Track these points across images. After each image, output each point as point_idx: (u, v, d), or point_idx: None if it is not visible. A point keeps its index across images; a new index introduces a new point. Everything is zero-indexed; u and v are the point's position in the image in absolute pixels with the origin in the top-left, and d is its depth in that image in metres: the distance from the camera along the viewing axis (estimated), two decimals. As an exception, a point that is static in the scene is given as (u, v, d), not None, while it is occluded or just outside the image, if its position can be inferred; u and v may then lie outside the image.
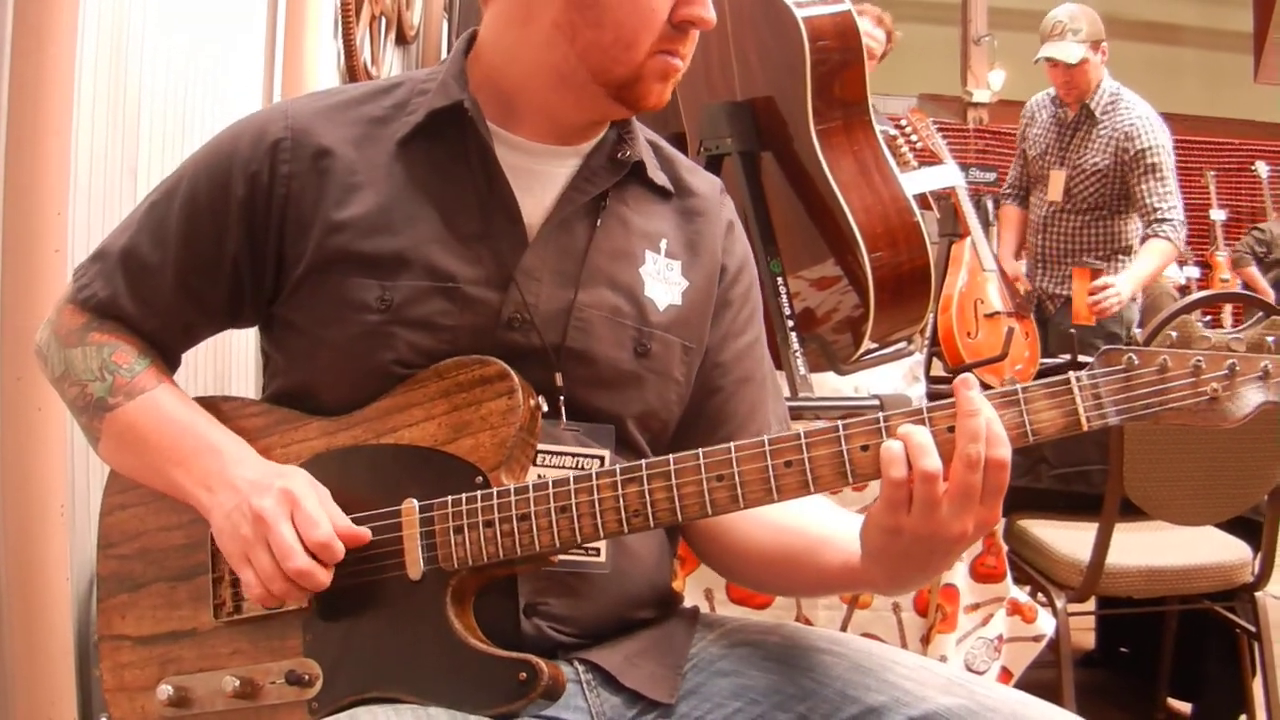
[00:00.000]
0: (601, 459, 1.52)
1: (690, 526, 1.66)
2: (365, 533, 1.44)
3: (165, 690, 1.54)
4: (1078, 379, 1.32)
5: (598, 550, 1.52)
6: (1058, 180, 5.24)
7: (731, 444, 1.37)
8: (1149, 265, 4.93)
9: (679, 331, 1.62)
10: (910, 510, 1.30)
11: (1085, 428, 1.32)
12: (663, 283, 1.61)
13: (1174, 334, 1.34)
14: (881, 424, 1.34)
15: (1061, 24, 5.12)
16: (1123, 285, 4.64)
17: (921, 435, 1.30)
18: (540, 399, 1.49)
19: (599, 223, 1.59)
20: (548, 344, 1.52)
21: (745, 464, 1.36)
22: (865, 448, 1.33)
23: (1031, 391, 1.32)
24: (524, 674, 1.38)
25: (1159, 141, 5.01)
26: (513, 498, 1.41)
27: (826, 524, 1.53)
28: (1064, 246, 5.25)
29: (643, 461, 1.40)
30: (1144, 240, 5.02)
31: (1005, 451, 1.29)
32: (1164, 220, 4.92)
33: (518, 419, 1.44)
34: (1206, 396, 1.30)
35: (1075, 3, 5.20)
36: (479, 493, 1.43)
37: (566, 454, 1.51)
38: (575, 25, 1.49)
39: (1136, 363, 1.32)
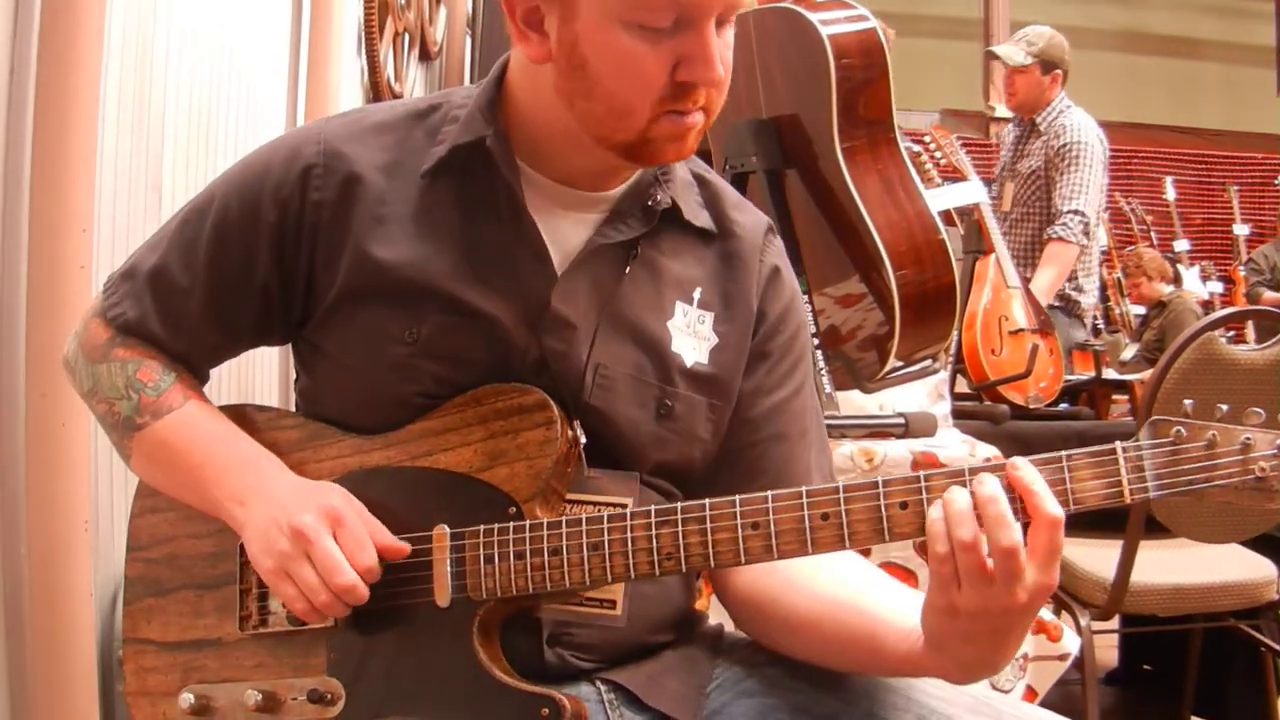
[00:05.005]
0: (625, 506, 1.47)
1: (731, 596, 1.59)
2: (405, 545, 1.43)
3: (187, 698, 1.53)
4: (1124, 449, 1.28)
5: (614, 603, 1.48)
6: (1008, 192, 5.40)
7: (769, 493, 1.35)
8: (1045, 277, 5.07)
9: (706, 390, 1.57)
10: (960, 586, 1.25)
11: (1128, 500, 1.27)
12: (692, 337, 1.56)
13: (1189, 402, 1.29)
14: (922, 483, 1.30)
15: (1022, 35, 5.40)
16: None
17: (959, 503, 1.25)
18: (579, 429, 1.48)
19: (628, 271, 1.54)
20: (568, 397, 1.49)
21: (781, 514, 1.34)
22: (904, 505, 1.30)
23: (1076, 459, 1.28)
24: (546, 710, 1.37)
25: (1082, 139, 5.16)
26: (545, 531, 1.40)
27: (884, 602, 1.43)
28: (1017, 258, 5.29)
29: (678, 505, 1.38)
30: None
31: (1052, 508, 1.24)
32: (1060, 214, 5.07)
33: (555, 451, 1.43)
34: (1253, 476, 1.25)
35: (1052, 30, 5.42)
36: (511, 524, 1.42)
37: (588, 502, 1.48)
38: (570, 94, 1.43)
39: (1185, 435, 1.27)
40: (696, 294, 1.58)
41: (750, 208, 1.70)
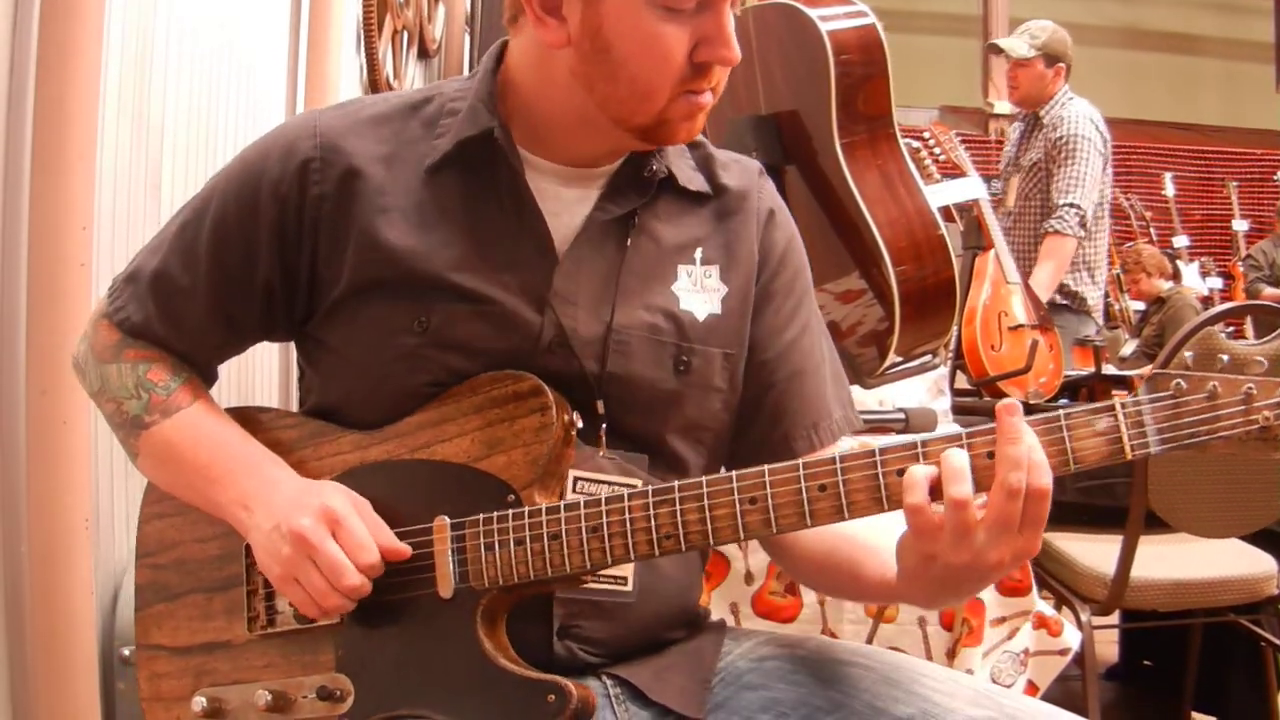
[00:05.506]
0: (632, 488, 1.47)
1: None
2: (406, 548, 1.44)
3: (200, 701, 1.55)
4: (1122, 405, 1.26)
5: (625, 579, 1.51)
6: (1013, 187, 5.41)
7: (765, 467, 1.35)
8: (1043, 272, 5.07)
9: (719, 341, 1.58)
10: (942, 537, 1.26)
11: (1129, 457, 1.25)
12: (700, 293, 1.58)
13: (1190, 354, 1.26)
14: (920, 449, 1.30)
15: (1026, 29, 5.40)
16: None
17: (956, 460, 1.26)
18: (575, 415, 1.48)
19: (629, 242, 1.56)
20: (588, 370, 1.50)
21: (778, 487, 1.34)
22: (901, 473, 1.29)
23: (1075, 418, 1.27)
24: (552, 696, 1.38)
25: (1079, 131, 5.16)
26: (544, 517, 1.41)
27: (875, 534, 1.48)
28: (1022, 253, 5.28)
29: (675, 483, 1.38)
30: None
31: (1047, 480, 1.25)
32: (1056, 208, 5.08)
33: (551, 436, 1.43)
34: (1258, 425, 1.23)
35: (1055, 25, 5.43)
36: (510, 511, 1.42)
37: (603, 482, 1.49)
38: (590, 77, 1.45)
39: (1185, 388, 1.24)
40: (698, 254, 1.60)
41: (742, 161, 1.72)
